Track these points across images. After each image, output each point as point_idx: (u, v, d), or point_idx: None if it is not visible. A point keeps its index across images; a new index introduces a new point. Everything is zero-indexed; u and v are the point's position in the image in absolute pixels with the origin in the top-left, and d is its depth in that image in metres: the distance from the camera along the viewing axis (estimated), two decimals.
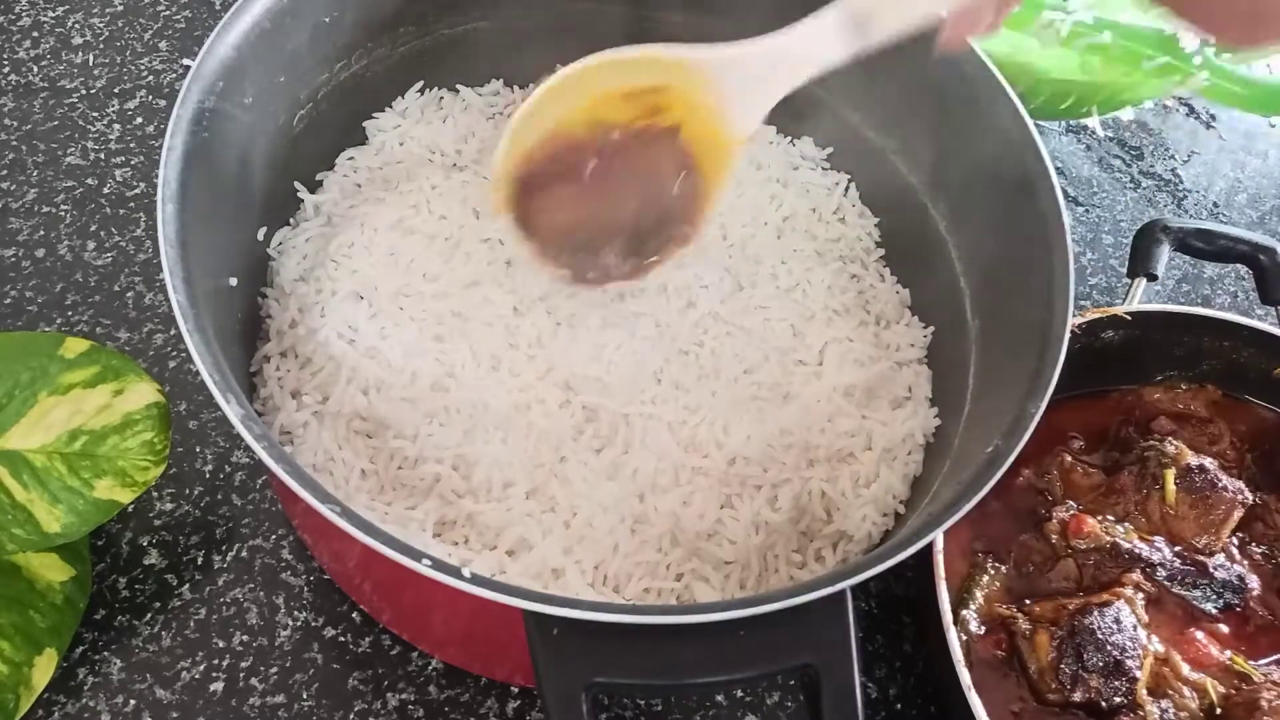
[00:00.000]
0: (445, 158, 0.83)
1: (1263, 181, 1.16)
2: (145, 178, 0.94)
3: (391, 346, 0.71)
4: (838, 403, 0.75)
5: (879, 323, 0.82)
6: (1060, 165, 1.12)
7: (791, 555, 0.71)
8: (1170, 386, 0.84)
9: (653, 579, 0.67)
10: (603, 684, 0.52)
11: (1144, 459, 0.78)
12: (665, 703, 0.75)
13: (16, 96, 0.98)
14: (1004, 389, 0.65)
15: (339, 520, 0.51)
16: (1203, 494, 0.76)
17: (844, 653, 0.53)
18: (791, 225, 0.84)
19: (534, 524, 0.67)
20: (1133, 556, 0.73)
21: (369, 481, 0.69)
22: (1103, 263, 1.05)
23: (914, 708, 0.77)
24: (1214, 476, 0.76)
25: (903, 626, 0.80)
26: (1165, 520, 0.76)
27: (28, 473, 0.64)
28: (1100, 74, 0.95)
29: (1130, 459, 0.79)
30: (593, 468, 0.70)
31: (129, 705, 0.70)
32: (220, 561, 0.76)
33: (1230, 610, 0.74)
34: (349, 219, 0.77)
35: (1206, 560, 0.74)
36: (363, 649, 0.74)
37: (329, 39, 0.75)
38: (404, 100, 0.85)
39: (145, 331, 0.85)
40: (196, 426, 0.81)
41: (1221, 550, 0.75)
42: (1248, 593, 0.74)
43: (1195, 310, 0.82)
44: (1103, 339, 0.81)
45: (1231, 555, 0.76)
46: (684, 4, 0.86)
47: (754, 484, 0.71)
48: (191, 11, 1.07)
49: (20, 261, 0.88)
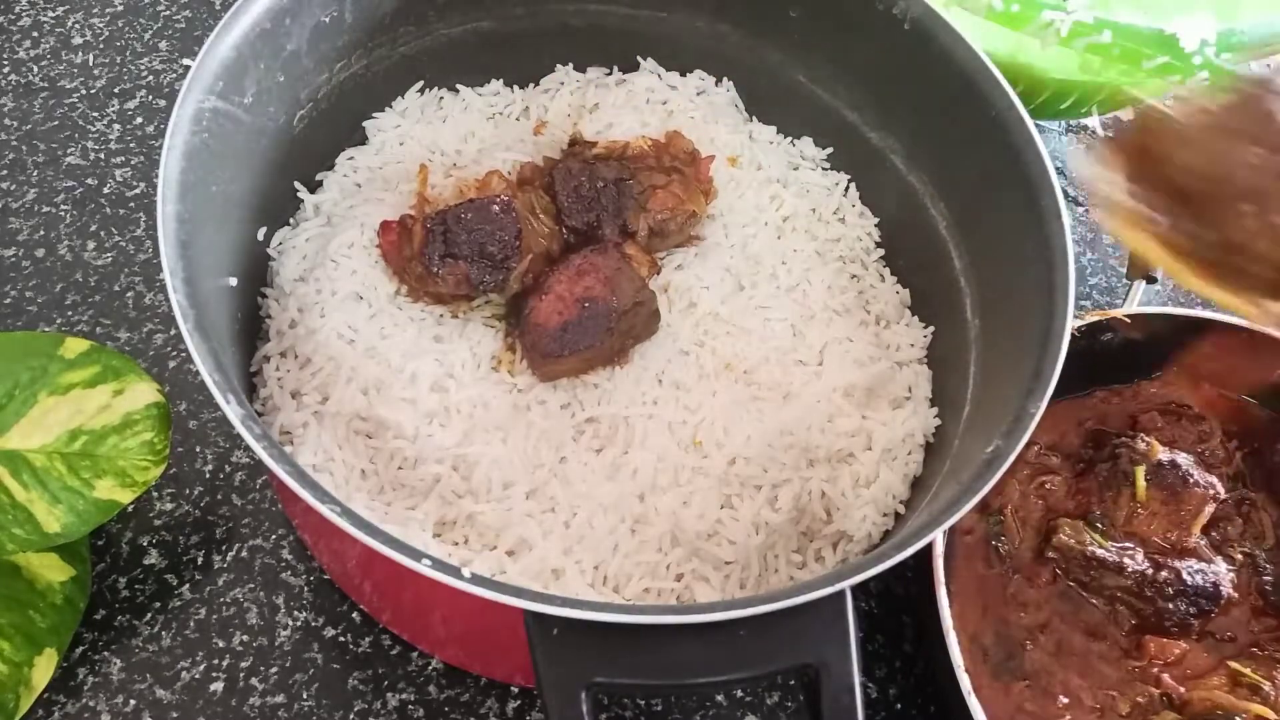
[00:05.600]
0: (445, 158, 0.83)
1: None
2: (145, 178, 0.94)
3: (391, 346, 0.71)
4: (838, 403, 0.75)
5: (879, 323, 0.82)
6: (1060, 165, 1.12)
7: (791, 555, 0.71)
8: (1166, 382, 0.85)
9: (653, 579, 0.67)
10: (603, 684, 0.52)
11: (1115, 456, 0.78)
12: (665, 703, 0.75)
13: (16, 96, 0.98)
14: (1004, 389, 0.65)
15: (339, 520, 0.51)
16: (1174, 490, 0.76)
17: (844, 653, 0.53)
18: (791, 225, 0.84)
19: (534, 524, 0.67)
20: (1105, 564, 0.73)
21: (369, 481, 0.69)
22: (1103, 263, 1.05)
23: (914, 708, 0.77)
24: (1186, 472, 0.76)
25: (903, 626, 0.80)
26: (1131, 520, 0.76)
27: (28, 473, 0.64)
28: (1100, 74, 0.95)
29: (1103, 456, 0.79)
30: (593, 468, 0.70)
31: (129, 705, 0.70)
32: (220, 561, 0.76)
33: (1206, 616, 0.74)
34: (349, 219, 0.77)
35: (1179, 566, 0.74)
36: (363, 649, 0.74)
37: (329, 39, 0.75)
38: (404, 100, 0.85)
39: (145, 331, 0.85)
40: (196, 426, 0.81)
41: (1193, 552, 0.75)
42: (1221, 598, 0.74)
43: (1195, 313, 0.82)
44: (1102, 341, 0.81)
45: (1202, 555, 0.75)
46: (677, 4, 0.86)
47: (754, 484, 0.71)
48: (191, 11, 1.07)
49: (20, 261, 0.88)
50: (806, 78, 0.85)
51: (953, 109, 0.76)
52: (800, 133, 0.89)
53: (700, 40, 0.87)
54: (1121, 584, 0.73)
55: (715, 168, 0.83)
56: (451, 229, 0.72)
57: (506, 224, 0.73)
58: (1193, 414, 0.83)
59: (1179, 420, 0.82)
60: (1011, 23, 0.89)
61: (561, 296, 0.72)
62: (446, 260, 0.72)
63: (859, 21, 0.79)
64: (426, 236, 0.72)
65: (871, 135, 0.84)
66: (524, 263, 0.74)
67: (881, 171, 0.84)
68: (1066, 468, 0.80)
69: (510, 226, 0.73)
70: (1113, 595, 0.74)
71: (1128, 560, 0.73)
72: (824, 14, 0.82)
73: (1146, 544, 0.75)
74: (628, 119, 0.84)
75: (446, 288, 0.73)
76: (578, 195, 0.77)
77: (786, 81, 0.86)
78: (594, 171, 0.78)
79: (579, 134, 0.84)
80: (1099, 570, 0.73)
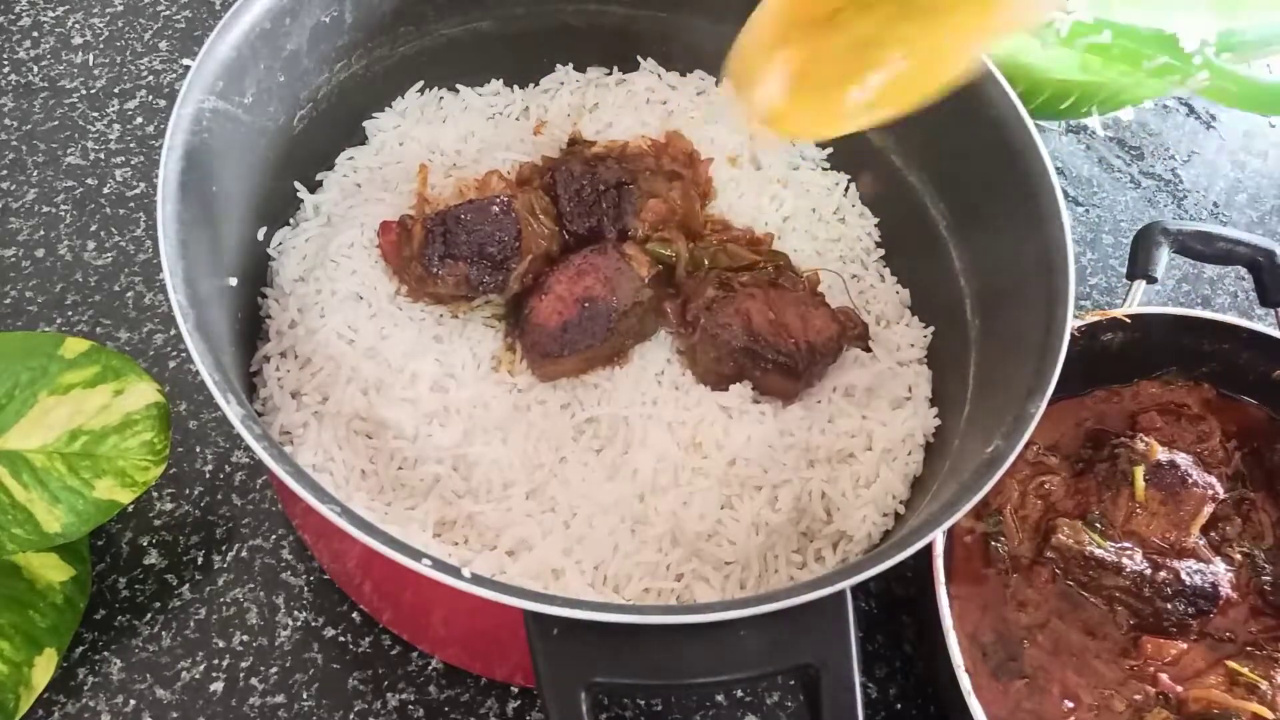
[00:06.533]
0: (445, 158, 0.83)
1: (1263, 181, 1.16)
2: (145, 178, 0.94)
3: (391, 347, 0.71)
4: (838, 403, 0.75)
5: (879, 323, 0.81)
6: (1060, 165, 1.12)
7: (791, 555, 0.71)
8: (1166, 382, 0.85)
9: (653, 579, 0.67)
10: (603, 684, 0.52)
11: (1114, 456, 0.78)
12: (665, 703, 0.75)
13: (16, 96, 0.98)
14: (1004, 389, 0.65)
15: (339, 520, 0.51)
16: (1172, 490, 0.76)
17: (844, 653, 0.53)
18: (791, 225, 0.84)
19: (534, 524, 0.67)
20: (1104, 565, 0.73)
21: (369, 481, 0.69)
22: (1103, 263, 1.05)
23: (914, 708, 0.77)
24: (1184, 472, 0.76)
25: (903, 626, 0.80)
26: (1130, 519, 0.76)
27: (28, 473, 0.64)
28: (1100, 74, 0.95)
29: (1102, 455, 0.79)
30: (593, 468, 0.70)
31: (129, 705, 0.70)
32: (220, 561, 0.76)
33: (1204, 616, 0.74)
34: (349, 219, 0.77)
35: (1178, 566, 0.74)
36: (363, 649, 0.74)
37: (329, 39, 0.75)
38: (404, 100, 0.85)
39: (145, 331, 0.85)
40: (196, 426, 0.81)
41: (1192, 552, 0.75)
42: (1220, 599, 0.74)
43: (1195, 313, 0.82)
44: (1102, 342, 0.81)
45: (1201, 555, 0.75)
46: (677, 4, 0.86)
47: (754, 484, 0.71)
48: (191, 11, 1.07)
49: (20, 261, 0.88)
50: None
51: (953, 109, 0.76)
52: None
53: (700, 40, 0.87)
54: (1120, 584, 0.73)
55: (715, 168, 0.83)
56: (451, 229, 0.72)
57: (506, 224, 0.73)
58: (1192, 414, 0.83)
59: (1178, 420, 0.82)
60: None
61: (561, 296, 0.72)
62: (446, 260, 0.72)
63: None
64: (426, 237, 0.72)
65: (871, 135, 0.84)
66: (524, 263, 0.74)
67: (881, 171, 0.84)
68: (1065, 468, 0.80)
69: (510, 227, 0.73)
70: (1111, 595, 0.74)
71: (1126, 560, 0.73)
72: None
73: (1145, 544, 0.75)
74: (627, 119, 0.84)
75: (446, 288, 0.73)
76: (579, 199, 0.77)
77: None
78: (595, 175, 0.78)
79: (579, 134, 0.84)
80: (1098, 570, 0.73)
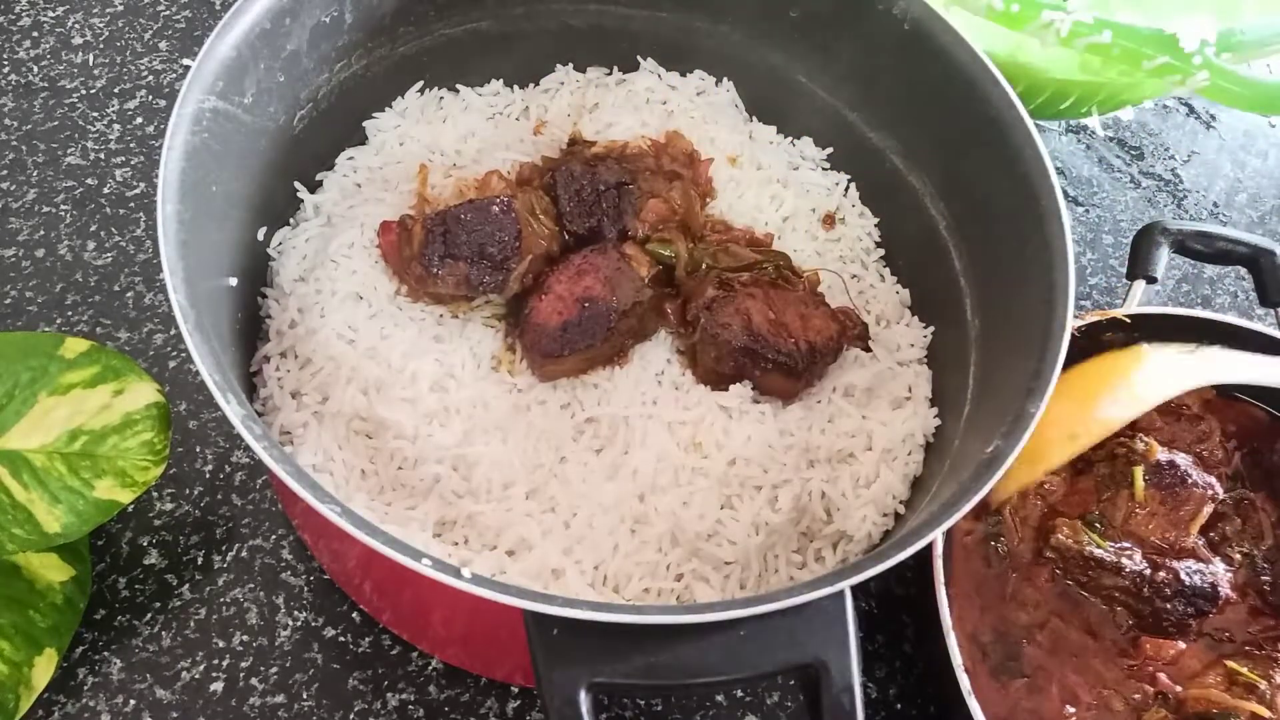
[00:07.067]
0: (445, 158, 0.83)
1: (1263, 181, 1.16)
2: (145, 178, 0.94)
3: (391, 347, 0.71)
4: (838, 403, 0.75)
5: (879, 323, 0.81)
6: (1060, 165, 1.12)
7: (791, 555, 0.71)
8: None
9: (653, 579, 0.67)
10: (603, 684, 0.52)
11: (1114, 456, 0.78)
12: (665, 703, 0.75)
13: (16, 96, 0.98)
14: (1004, 389, 0.65)
15: (339, 520, 0.51)
16: (1172, 490, 0.76)
17: (844, 653, 0.53)
18: (791, 225, 0.84)
19: (534, 524, 0.67)
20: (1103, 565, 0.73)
21: (369, 482, 0.69)
22: (1103, 263, 1.05)
23: (914, 708, 0.77)
24: (1184, 472, 0.76)
25: (903, 626, 0.80)
26: (1129, 519, 0.76)
27: (28, 473, 0.64)
28: (1100, 74, 0.95)
29: (1101, 455, 0.79)
30: (593, 468, 0.70)
31: (129, 705, 0.70)
32: (220, 561, 0.76)
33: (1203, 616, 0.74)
34: (349, 219, 0.77)
35: (1177, 566, 0.74)
36: (363, 649, 0.74)
37: (329, 39, 0.75)
38: (404, 100, 0.85)
39: (145, 331, 0.85)
40: (196, 426, 0.81)
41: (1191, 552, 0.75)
42: (1219, 599, 0.74)
43: (1194, 313, 0.82)
44: (1102, 342, 0.81)
45: (1200, 555, 0.75)
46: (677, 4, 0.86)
47: (754, 484, 0.71)
48: (191, 11, 1.07)
49: (20, 261, 0.88)
50: (806, 78, 0.86)
51: (953, 109, 0.76)
52: (800, 133, 0.89)
53: (700, 40, 0.87)
54: (1119, 584, 0.73)
55: (715, 168, 0.83)
56: (451, 229, 0.72)
57: (506, 224, 0.73)
58: (1191, 414, 0.83)
59: (1178, 420, 0.83)
60: (1011, 23, 0.89)
61: (561, 296, 0.72)
62: (446, 261, 0.72)
63: (859, 22, 0.79)
64: (426, 237, 0.72)
65: (871, 135, 0.84)
66: (524, 263, 0.74)
67: (881, 171, 0.84)
68: (1065, 468, 0.80)
69: (510, 227, 0.73)
70: (1111, 595, 0.74)
71: (1125, 560, 0.73)
72: (824, 14, 0.82)
73: (1145, 544, 0.75)
74: (627, 119, 0.84)
75: (446, 288, 0.73)
76: (579, 199, 0.77)
77: (786, 81, 0.86)
78: (595, 175, 0.78)
79: (579, 134, 0.84)
80: (1097, 570, 0.73)
